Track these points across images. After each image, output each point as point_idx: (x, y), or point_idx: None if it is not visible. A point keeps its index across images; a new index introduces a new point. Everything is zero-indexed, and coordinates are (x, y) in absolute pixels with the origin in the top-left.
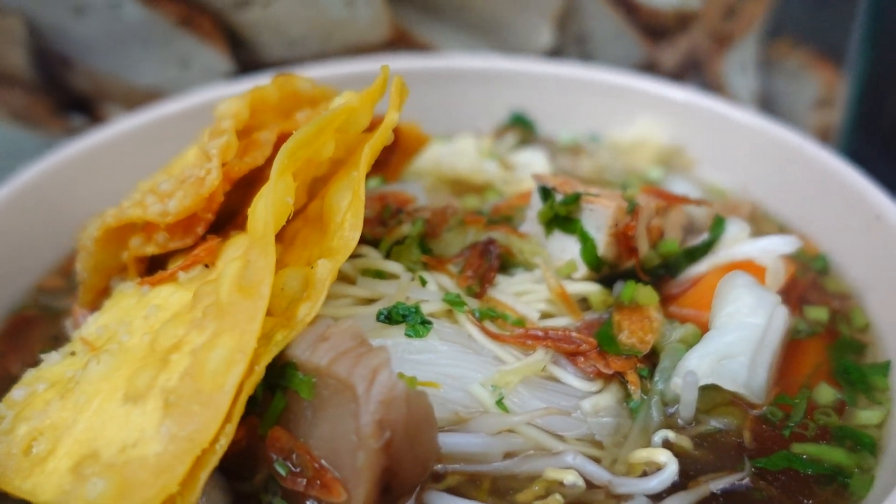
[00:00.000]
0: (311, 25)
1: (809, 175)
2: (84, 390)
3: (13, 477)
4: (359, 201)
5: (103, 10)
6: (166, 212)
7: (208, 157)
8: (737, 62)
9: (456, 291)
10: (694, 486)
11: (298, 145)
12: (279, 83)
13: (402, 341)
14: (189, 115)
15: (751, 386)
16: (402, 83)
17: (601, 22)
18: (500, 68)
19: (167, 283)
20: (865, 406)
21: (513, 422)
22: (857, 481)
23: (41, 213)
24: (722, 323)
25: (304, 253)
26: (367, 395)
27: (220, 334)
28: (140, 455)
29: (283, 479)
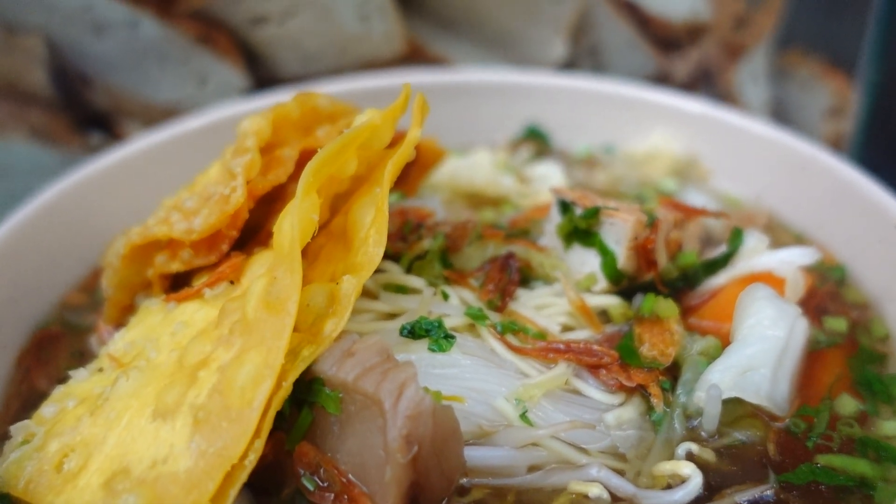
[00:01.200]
0: (327, 41)
1: (824, 185)
2: (114, 406)
3: (46, 493)
4: (383, 217)
5: (122, 29)
6: (191, 229)
7: (233, 175)
8: (748, 72)
9: (477, 305)
10: (719, 499)
11: (323, 163)
12: (299, 100)
13: (425, 356)
14: (208, 132)
15: (773, 398)
16: (424, 101)
17: (614, 34)
18: (515, 82)
19: (193, 299)
20: (889, 417)
21: (537, 435)
22: (882, 492)
23: (64, 231)
24: (743, 336)
25: (328, 268)
26: (394, 410)
27: (247, 350)
28: (171, 471)
29: (311, 493)
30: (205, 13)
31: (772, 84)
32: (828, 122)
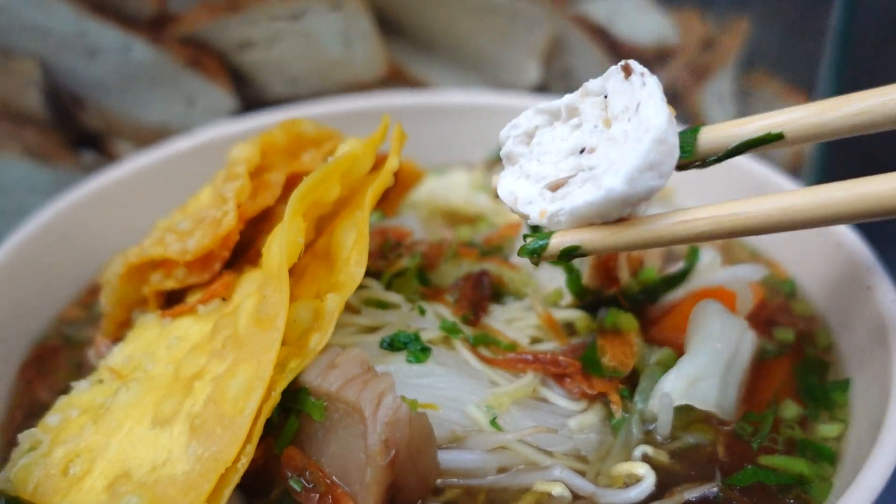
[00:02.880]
0: (311, 65)
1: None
2: (115, 415)
3: (53, 495)
4: (364, 240)
5: (114, 53)
6: (186, 250)
7: (224, 200)
8: (714, 93)
9: (452, 320)
10: (669, 496)
11: (308, 190)
12: (285, 127)
13: (403, 367)
14: (197, 152)
15: (721, 405)
16: (402, 130)
17: (584, 58)
18: (491, 103)
19: (187, 315)
20: (826, 421)
21: (505, 439)
22: (817, 488)
23: (61, 249)
24: (695, 347)
25: (312, 286)
26: (373, 417)
27: (239, 363)
28: (169, 474)
29: (298, 494)
30: (194, 38)
31: (737, 104)
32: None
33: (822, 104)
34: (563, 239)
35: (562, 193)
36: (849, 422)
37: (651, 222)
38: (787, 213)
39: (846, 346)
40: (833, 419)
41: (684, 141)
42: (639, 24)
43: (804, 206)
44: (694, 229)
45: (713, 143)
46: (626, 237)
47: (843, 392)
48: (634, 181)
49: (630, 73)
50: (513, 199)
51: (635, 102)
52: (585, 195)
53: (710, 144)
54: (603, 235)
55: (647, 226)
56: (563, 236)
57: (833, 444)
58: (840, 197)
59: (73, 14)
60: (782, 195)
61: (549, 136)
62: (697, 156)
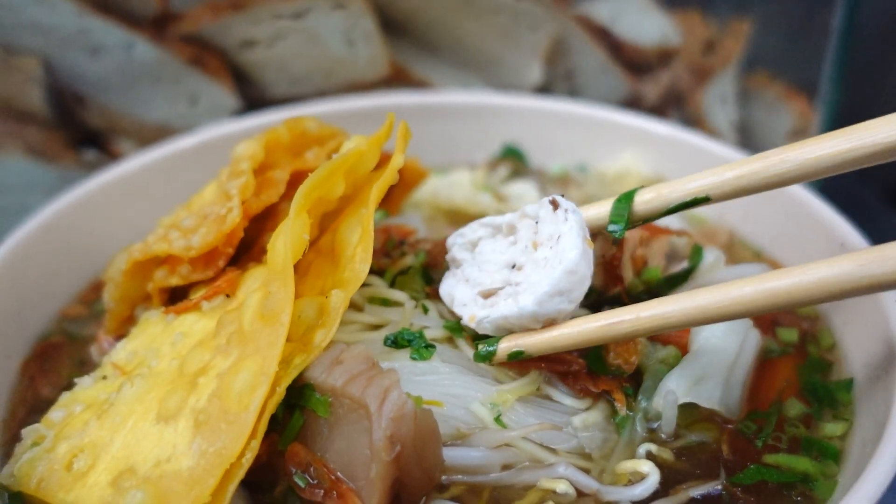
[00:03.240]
0: (314, 64)
1: (780, 205)
2: (119, 411)
3: (57, 490)
4: (368, 237)
5: (117, 51)
6: (190, 246)
7: (228, 196)
8: (716, 95)
9: (455, 319)
10: (674, 494)
11: (313, 187)
12: (289, 125)
13: (407, 364)
14: (199, 150)
15: (726, 403)
16: (407, 128)
17: (587, 59)
18: (493, 103)
19: (191, 311)
20: (830, 419)
21: (510, 436)
22: (822, 487)
23: (63, 246)
24: (699, 346)
25: (317, 283)
26: (379, 412)
27: (244, 359)
28: (174, 469)
29: (302, 490)
30: (197, 36)
31: (738, 106)
32: (791, 142)
33: (741, 165)
34: (509, 345)
35: (490, 302)
36: (853, 420)
37: (581, 324)
38: (703, 310)
39: (850, 345)
40: (837, 418)
41: (617, 212)
42: (641, 24)
43: (716, 303)
44: (621, 330)
45: (648, 206)
46: (560, 341)
47: (847, 391)
48: (543, 304)
49: (557, 207)
50: (450, 299)
51: (557, 234)
52: (506, 309)
53: (646, 208)
54: (541, 340)
55: (579, 328)
56: (508, 342)
57: (837, 443)
58: (748, 293)
59: (76, 12)
60: (697, 294)
61: (489, 247)
62: (634, 220)
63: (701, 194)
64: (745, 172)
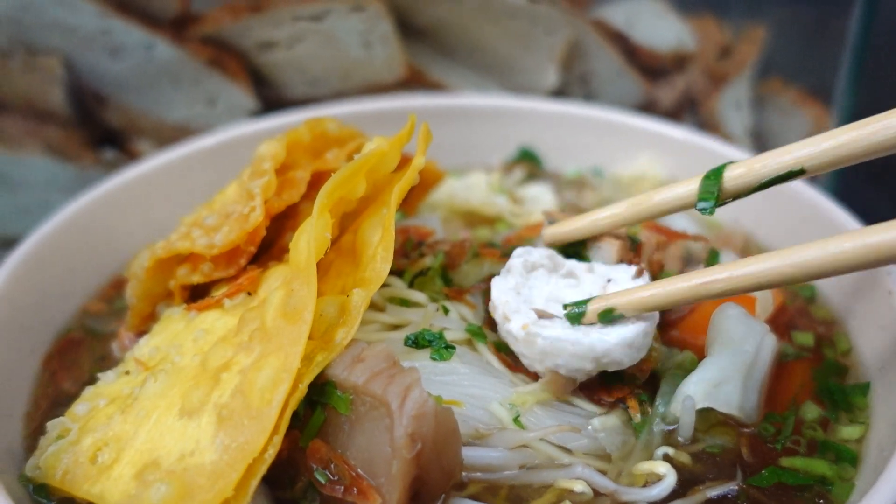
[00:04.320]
0: (331, 66)
1: (796, 209)
2: (143, 405)
3: (82, 483)
4: (390, 237)
5: (137, 52)
6: (212, 244)
7: (251, 196)
8: (731, 100)
9: (475, 321)
10: (691, 495)
11: (336, 186)
12: (310, 126)
13: (428, 364)
14: (218, 151)
15: (743, 408)
16: (428, 130)
17: (603, 63)
18: (509, 106)
19: (213, 309)
20: (847, 423)
21: (527, 437)
22: (839, 489)
23: (84, 243)
24: (716, 351)
25: (338, 282)
26: (400, 410)
27: (266, 356)
28: (197, 463)
29: (323, 486)
30: (216, 38)
31: (753, 111)
32: None
33: (840, 133)
34: (599, 305)
35: (544, 323)
36: (869, 424)
37: (674, 283)
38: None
39: (866, 350)
40: (854, 421)
41: (706, 189)
42: (657, 29)
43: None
44: (714, 289)
45: (738, 181)
46: (653, 301)
47: (863, 395)
48: (599, 359)
49: (640, 275)
50: (502, 301)
51: None
52: (563, 332)
53: (735, 183)
54: (633, 299)
55: (671, 287)
56: (599, 302)
57: (854, 446)
58: (848, 248)
59: (98, 12)
60: (792, 251)
61: (544, 279)
62: (723, 197)
63: (796, 167)
64: (843, 141)
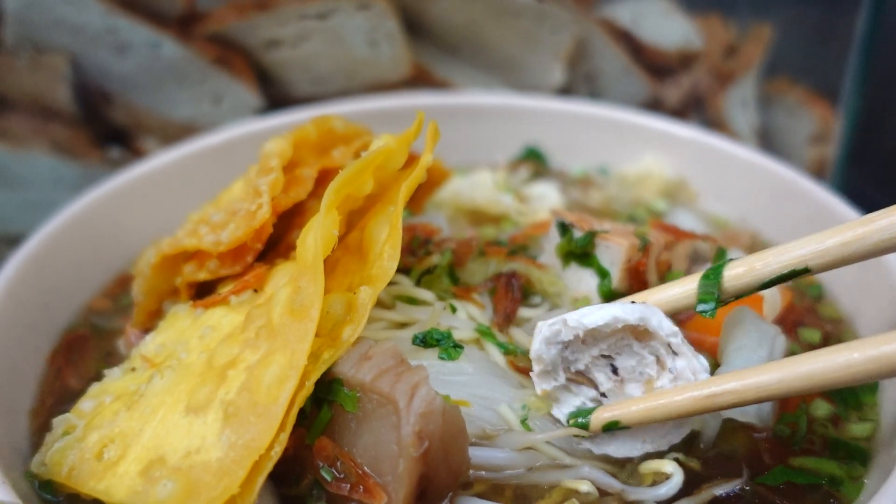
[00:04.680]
0: (337, 64)
1: (804, 208)
2: (149, 402)
3: (88, 479)
4: (397, 234)
5: (143, 50)
6: (219, 241)
7: (258, 193)
8: (737, 99)
9: (483, 320)
10: (697, 493)
11: (344, 183)
12: (317, 123)
13: (435, 363)
14: (224, 149)
15: (760, 414)
16: (436, 128)
17: (609, 61)
18: (515, 105)
19: (219, 306)
20: (857, 420)
21: (535, 440)
22: (848, 488)
23: (90, 241)
24: (731, 358)
25: (345, 280)
26: (407, 408)
27: (273, 353)
28: (203, 460)
29: (329, 484)
30: (222, 36)
31: (760, 110)
32: (812, 147)
33: (845, 230)
34: (604, 415)
35: (575, 388)
36: (879, 421)
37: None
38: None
39: None
40: (863, 419)
41: (706, 294)
42: (663, 28)
43: (822, 371)
44: (724, 402)
45: (738, 282)
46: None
47: (872, 394)
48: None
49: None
50: (539, 348)
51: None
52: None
53: (735, 284)
54: (638, 411)
55: (679, 398)
56: (603, 412)
57: (864, 444)
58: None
59: (104, 11)
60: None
61: (586, 354)
62: (724, 297)
63: (799, 266)
64: (849, 239)
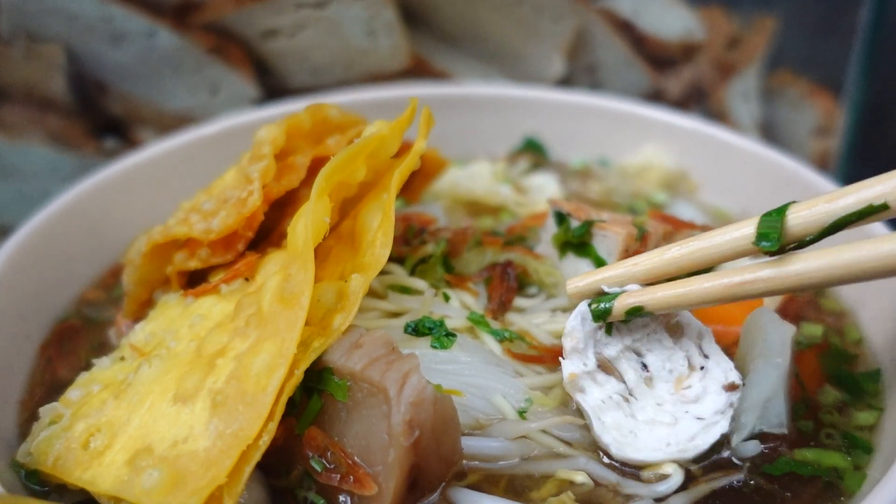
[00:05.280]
0: (335, 54)
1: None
2: (137, 391)
3: (74, 469)
4: (389, 221)
5: (139, 39)
6: (210, 230)
7: (249, 180)
8: (739, 91)
9: (477, 308)
10: (694, 486)
11: (335, 170)
12: (311, 111)
13: (427, 352)
14: (219, 139)
15: (780, 420)
16: (430, 114)
17: (610, 52)
18: (514, 96)
19: (210, 294)
20: (862, 408)
21: (529, 429)
22: (850, 479)
23: (82, 231)
24: (758, 366)
25: (336, 268)
26: (398, 397)
27: (262, 341)
28: (190, 450)
29: (319, 474)
30: (218, 25)
31: (762, 103)
32: (815, 140)
33: None
34: (628, 301)
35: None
36: (883, 409)
37: (709, 281)
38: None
39: (877, 339)
40: (869, 406)
41: (767, 228)
42: (664, 19)
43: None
44: (754, 290)
45: (804, 222)
46: (684, 299)
47: (875, 382)
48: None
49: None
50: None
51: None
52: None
53: (802, 225)
54: (663, 297)
55: (707, 284)
56: (626, 298)
57: (867, 434)
58: None
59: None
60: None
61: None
62: (787, 240)
63: (877, 200)
64: None
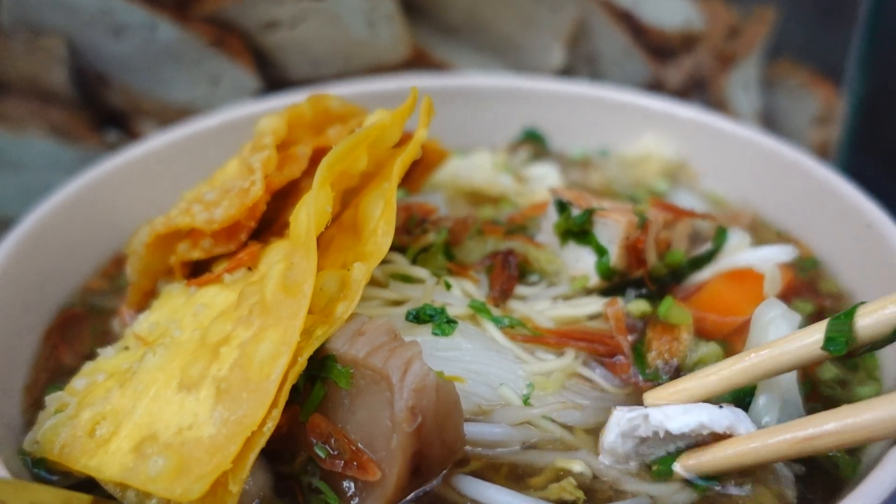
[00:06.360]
0: (335, 46)
1: (805, 186)
2: (141, 379)
3: (80, 456)
4: (391, 210)
5: (140, 31)
6: (212, 220)
7: (251, 170)
8: (739, 81)
9: (479, 296)
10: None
11: (337, 159)
12: (312, 101)
13: (429, 339)
14: (221, 131)
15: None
16: (431, 103)
17: (610, 43)
18: (515, 86)
19: (213, 284)
20: (862, 383)
21: (531, 414)
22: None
23: (86, 221)
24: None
25: (339, 257)
26: (401, 384)
27: (265, 329)
28: (195, 437)
29: (323, 460)
30: (219, 17)
31: (762, 92)
32: (815, 130)
33: None
34: (689, 463)
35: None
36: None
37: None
38: None
39: None
40: (870, 377)
41: (835, 332)
42: (665, 9)
43: None
44: (822, 445)
45: (874, 323)
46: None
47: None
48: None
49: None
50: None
51: None
52: None
53: (871, 326)
54: (724, 457)
55: (772, 441)
56: (687, 459)
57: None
58: None
59: None
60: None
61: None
62: (857, 344)
63: None
64: None
